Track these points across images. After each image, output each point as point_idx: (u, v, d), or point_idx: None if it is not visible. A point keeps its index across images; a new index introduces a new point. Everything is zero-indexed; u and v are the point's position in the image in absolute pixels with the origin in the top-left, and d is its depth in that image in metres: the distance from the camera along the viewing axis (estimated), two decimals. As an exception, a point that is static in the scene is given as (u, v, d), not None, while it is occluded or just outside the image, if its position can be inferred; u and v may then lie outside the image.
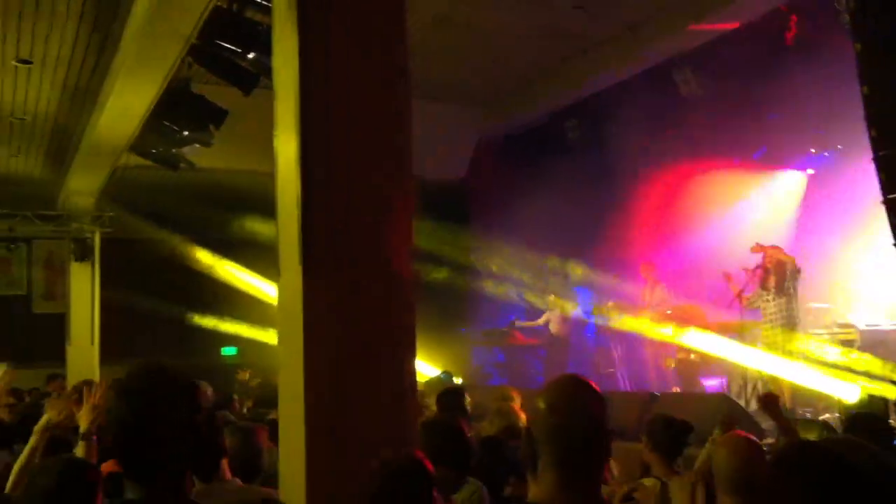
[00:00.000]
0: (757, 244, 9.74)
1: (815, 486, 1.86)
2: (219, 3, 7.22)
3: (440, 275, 12.99)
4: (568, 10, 9.74)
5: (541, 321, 13.13)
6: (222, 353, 15.30)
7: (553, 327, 12.96)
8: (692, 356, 10.66)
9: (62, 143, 12.26)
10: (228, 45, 7.37)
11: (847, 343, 9.69)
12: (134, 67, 8.30)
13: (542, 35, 10.46)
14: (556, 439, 2.24)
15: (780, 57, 9.76)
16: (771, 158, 11.53)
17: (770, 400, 5.13)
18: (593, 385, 2.33)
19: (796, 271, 9.50)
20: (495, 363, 13.93)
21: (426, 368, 12.59)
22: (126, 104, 9.16)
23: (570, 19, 10.03)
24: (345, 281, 3.74)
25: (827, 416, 8.80)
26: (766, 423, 6.93)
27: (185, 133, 9.34)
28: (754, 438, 3.48)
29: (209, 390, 8.58)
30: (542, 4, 9.70)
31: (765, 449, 3.53)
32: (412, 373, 3.97)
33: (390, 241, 3.85)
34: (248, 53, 7.32)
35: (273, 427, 4.23)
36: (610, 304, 12.51)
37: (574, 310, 12.70)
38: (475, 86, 12.74)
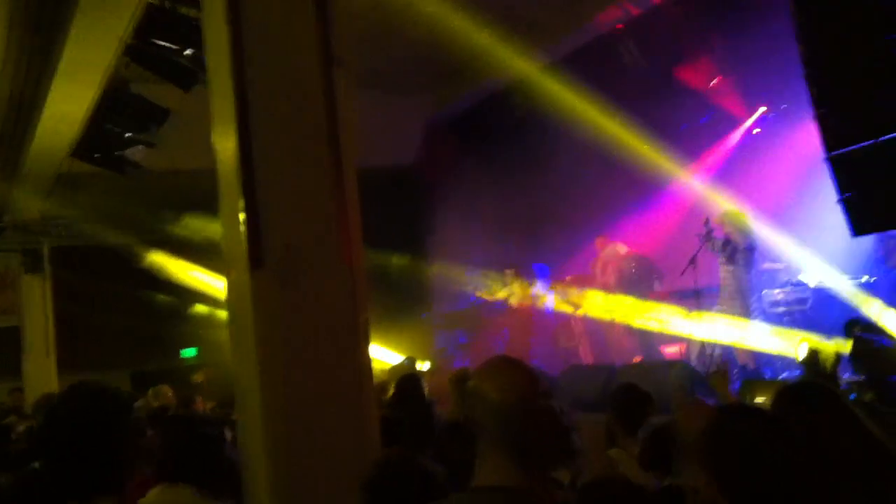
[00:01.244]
0: (717, 215, 9.82)
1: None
2: (152, 1, 7.11)
3: (397, 261, 12.97)
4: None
5: (500, 294, 13.13)
6: (182, 355, 15.15)
7: (513, 300, 12.98)
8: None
9: (5, 153, 12.01)
10: (165, 43, 7.25)
11: (800, 301, 9.85)
12: (71, 71, 8.16)
13: (482, 14, 10.41)
14: (488, 421, 2.25)
15: (719, 20, 9.82)
16: (717, 122, 11.62)
17: (717, 377, 5.25)
18: (522, 364, 2.34)
19: (752, 248, 9.59)
20: (458, 345, 13.94)
21: (390, 355, 12.59)
22: (65, 109, 9.00)
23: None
24: (293, 275, 3.70)
25: (786, 374, 8.96)
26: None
27: (128, 135, 9.18)
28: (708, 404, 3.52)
29: (170, 392, 8.50)
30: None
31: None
32: (368, 363, 3.94)
33: (337, 231, 3.81)
34: (185, 50, 7.21)
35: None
36: (568, 278, 12.58)
37: (533, 287, 12.74)
38: (419, 69, 12.68)
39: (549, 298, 12.56)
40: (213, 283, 13.09)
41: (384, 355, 12.65)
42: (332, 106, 3.79)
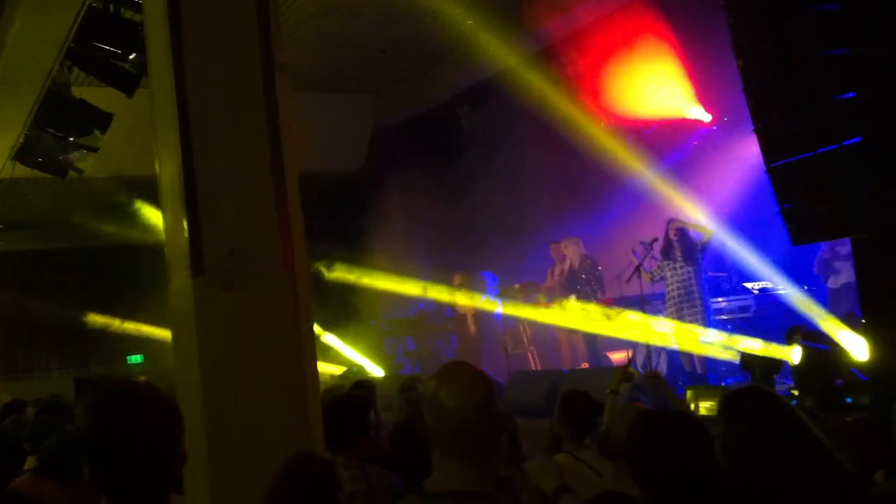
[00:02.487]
0: (671, 219, 9.97)
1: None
2: (94, 4, 7.00)
3: (344, 269, 12.92)
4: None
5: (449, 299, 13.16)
6: (128, 362, 14.94)
7: (461, 307, 13.01)
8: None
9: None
10: (107, 47, 7.14)
11: (743, 308, 10.04)
12: (10, 74, 8.00)
13: (429, 20, 10.44)
14: (442, 427, 2.28)
15: (666, 30, 9.99)
16: (661, 134, 11.77)
17: (652, 381, 5.36)
18: (479, 370, 2.38)
19: (707, 242, 9.77)
20: (406, 352, 13.92)
21: (339, 361, 12.56)
22: (6, 113, 8.83)
23: (452, 5, 10.06)
24: (235, 282, 3.67)
25: (730, 380, 9.11)
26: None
27: (70, 139, 9.03)
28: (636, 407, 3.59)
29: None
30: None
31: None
32: (313, 370, 3.92)
33: (280, 237, 3.79)
34: (129, 54, 7.12)
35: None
36: (516, 286, 12.64)
37: (481, 296, 12.77)
38: (366, 75, 12.68)
39: (498, 305, 12.59)
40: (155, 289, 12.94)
41: (332, 361, 12.63)
42: (274, 111, 3.77)
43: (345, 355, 13.27)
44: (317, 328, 12.82)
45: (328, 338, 13.12)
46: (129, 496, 2.03)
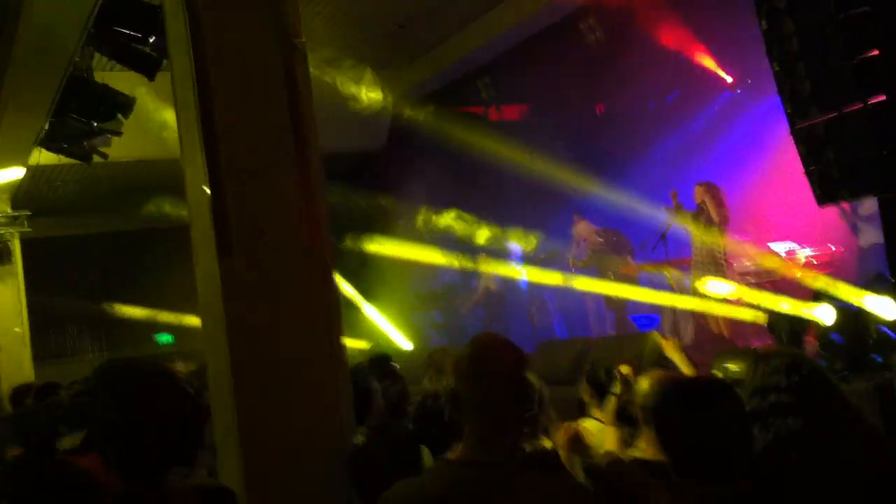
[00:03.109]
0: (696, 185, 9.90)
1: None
2: (113, -12, 7.04)
3: (370, 243, 12.95)
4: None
5: (479, 292, 13.20)
6: (158, 341, 15.11)
7: (489, 286, 13.06)
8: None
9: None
10: (127, 31, 7.18)
11: (769, 272, 9.98)
12: (32, 60, 8.04)
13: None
14: (473, 397, 2.31)
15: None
16: (684, 100, 11.69)
17: (669, 348, 5.38)
18: (509, 342, 2.40)
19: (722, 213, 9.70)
20: (434, 325, 13.99)
21: (371, 336, 12.64)
22: (29, 98, 8.89)
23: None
24: (262, 262, 3.71)
25: (758, 345, 9.07)
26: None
27: (94, 124, 9.09)
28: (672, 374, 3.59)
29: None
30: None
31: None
32: (341, 347, 3.96)
33: (304, 217, 3.82)
34: (149, 37, 7.15)
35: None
36: (542, 256, 12.64)
37: (505, 267, 12.79)
38: (385, 52, 12.65)
39: (524, 274, 12.62)
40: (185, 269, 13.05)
41: (366, 335, 12.71)
42: (294, 90, 3.79)
43: (379, 327, 13.33)
44: (357, 299, 12.96)
45: (367, 308, 13.19)
46: (141, 475, 2.09)
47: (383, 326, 13.39)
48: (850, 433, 2.76)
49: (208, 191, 3.72)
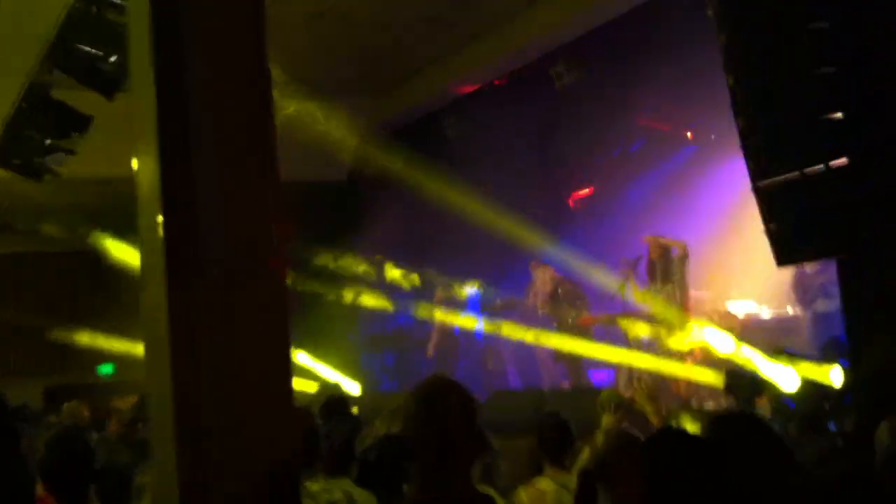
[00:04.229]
0: (648, 235, 9.91)
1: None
2: (77, 5, 6.91)
3: (324, 282, 12.79)
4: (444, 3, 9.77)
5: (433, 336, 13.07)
6: (98, 371, 14.72)
7: (443, 330, 12.93)
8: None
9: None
10: (88, 49, 7.05)
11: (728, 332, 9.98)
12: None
13: (416, 29, 10.44)
14: (421, 440, 2.31)
15: (651, 48, 9.97)
16: (648, 150, 11.77)
17: (641, 395, 5.38)
18: (459, 386, 2.39)
19: (684, 256, 9.68)
20: (385, 368, 13.82)
21: (317, 376, 12.42)
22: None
23: (447, 12, 10.05)
24: (213, 293, 3.56)
25: (710, 403, 9.03)
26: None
27: (48, 141, 8.91)
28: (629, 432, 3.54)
29: (86, 412, 8.23)
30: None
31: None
32: (289, 387, 3.81)
33: (261, 249, 3.69)
34: (110, 56, 7.03)
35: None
36: (498, 302, 12.57)
37: (461, 313, 12.67)
38: (354, 84, 12.63)
39: (479, 322, 12.52)
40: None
41: (311, 376, 12.48)
42: (258, 118, 3.69)
43: (318, 372, 13.02)
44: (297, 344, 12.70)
45: (299, 356, 12.52)
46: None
47: (324, 371, 13.07)
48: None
49: (160, 214, 3.58)
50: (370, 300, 13.08)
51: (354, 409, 5.86)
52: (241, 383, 3.60)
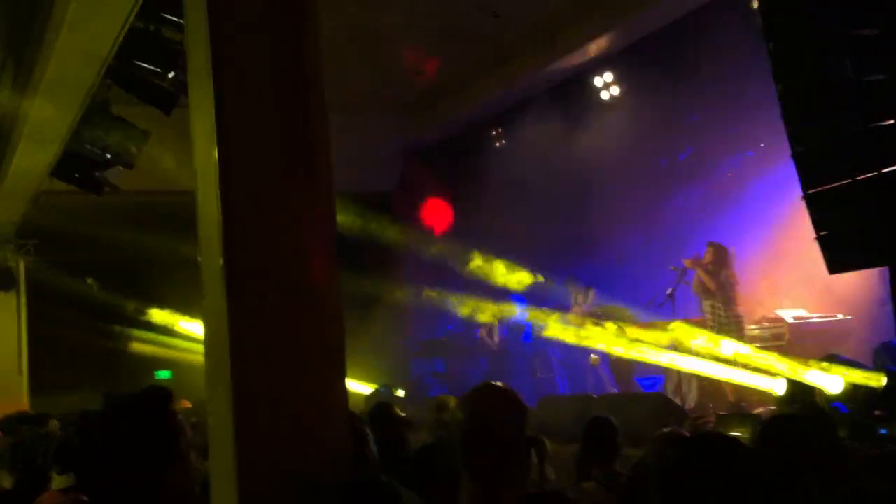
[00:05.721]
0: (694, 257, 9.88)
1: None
2: (135, 24, 7.11)
3: (374, 287, 12.89)
4: (487, 18, 9.83)
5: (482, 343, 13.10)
6: (156, 377, 15.01)
7: (493, 337, 12.98)
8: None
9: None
10: (147, 66, 7.26)
11: (776, 337, 9.90)
12: (51, 90, 8.11)
13: (459, 43, 10.54)
14: (471, 448, 2.26)
15: (698, 58, 9.95)
16: (697, 159, 11.72)
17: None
18: (511, 393, 2.36)
19: (730, 276, 9.65)
20: (434, 373, 13.89)
21: (365, 384, 12.51)
22: (45, 128, 8.94)
23: (488, 27, 10.13)
24: (270, 301, 3.67)
25: (761, 409, 8.96)
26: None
27: (108, 156, 9.16)
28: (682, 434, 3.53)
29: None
30: (457, 13, 9.77)
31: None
32: (343, 391, 3.91)
33: (314, 257, 3.79)
34: (168, 73, 7.23)
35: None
36: (545, 310, 12.57)
37: (510, 317, 12.71)
38: (398, 97, 12.78)
39: (527, 329, 12.55)
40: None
41: (359, 383, 12.57)
42: (312, 128, 3.79)
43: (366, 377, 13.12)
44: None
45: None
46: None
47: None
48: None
49: (220, 226, 3.70)
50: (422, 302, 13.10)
51: (402, 414, 5.88)
52: (296, 387, 3.71)
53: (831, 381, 6.75)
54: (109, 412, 2.18)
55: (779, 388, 6.84)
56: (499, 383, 2.53)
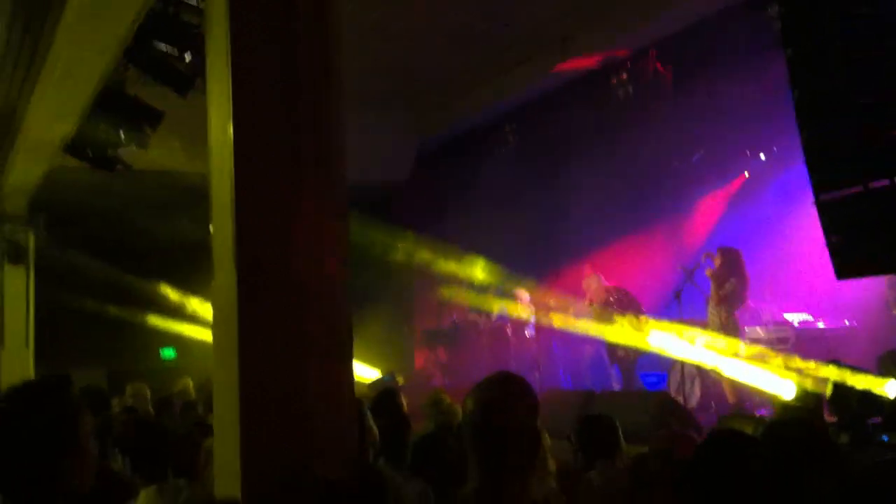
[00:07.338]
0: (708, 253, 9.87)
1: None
2: (155, 5, 7.13)
3: (380, 277, 12.92)
4: (500, 18, 9.86)
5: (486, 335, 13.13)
6: (161, 356, 15.06)
7: (497, 329, 13.00)
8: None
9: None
10: (164, 47, 7.28)
11: (782, 341, 9.90)
12: (68, 68, 8.13)
13: (475, 41, 10.54)
14: (481, 437, 2.27)
15: (713, 61, 9.93)
16: (709, 161, 11.71)
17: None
18: (523, 383, 2.36)
19: (743, 279, 9.64)
20: (438, 364, 13.91)
21: (369, 371, 12.56)
22: (61, 105, 8.98)
23: (504, 26, 10.15)
24: (279, 282, 3.71)
25: (763, 411, 8.98)
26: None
27: (121, 134, 9.19)
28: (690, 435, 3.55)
29: (147, 394, 8.45)
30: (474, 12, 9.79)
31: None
32: (350, 375, 3.94)
33: (324, 242, 3.83)
34: (184, 55, 7.25)
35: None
36: (551, 301, 12.58)
37: (515, 310, 12.73)
38: (412, 90, 12.79)
39: (532, 318, 12.55)
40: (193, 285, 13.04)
41: (363, 371, 12.61)
42: (328, 115, 3.82)
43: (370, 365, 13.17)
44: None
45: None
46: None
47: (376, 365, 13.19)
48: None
49: (232, 208, 3.73)
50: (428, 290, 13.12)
51: (404, 403, 5.91)
52: (302, 367, 3.74)
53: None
54: (2, 400, 2.23)
55: (786, 391, 6.83)
56: (512, 374, 2.53)
